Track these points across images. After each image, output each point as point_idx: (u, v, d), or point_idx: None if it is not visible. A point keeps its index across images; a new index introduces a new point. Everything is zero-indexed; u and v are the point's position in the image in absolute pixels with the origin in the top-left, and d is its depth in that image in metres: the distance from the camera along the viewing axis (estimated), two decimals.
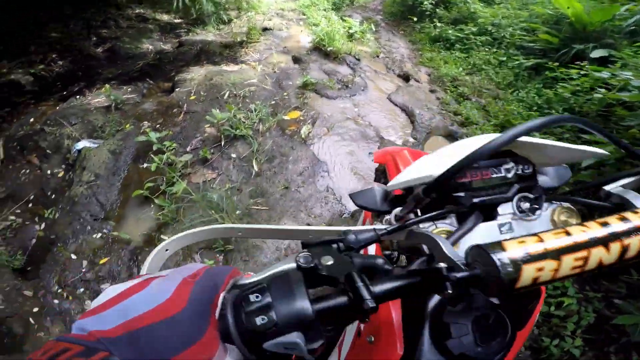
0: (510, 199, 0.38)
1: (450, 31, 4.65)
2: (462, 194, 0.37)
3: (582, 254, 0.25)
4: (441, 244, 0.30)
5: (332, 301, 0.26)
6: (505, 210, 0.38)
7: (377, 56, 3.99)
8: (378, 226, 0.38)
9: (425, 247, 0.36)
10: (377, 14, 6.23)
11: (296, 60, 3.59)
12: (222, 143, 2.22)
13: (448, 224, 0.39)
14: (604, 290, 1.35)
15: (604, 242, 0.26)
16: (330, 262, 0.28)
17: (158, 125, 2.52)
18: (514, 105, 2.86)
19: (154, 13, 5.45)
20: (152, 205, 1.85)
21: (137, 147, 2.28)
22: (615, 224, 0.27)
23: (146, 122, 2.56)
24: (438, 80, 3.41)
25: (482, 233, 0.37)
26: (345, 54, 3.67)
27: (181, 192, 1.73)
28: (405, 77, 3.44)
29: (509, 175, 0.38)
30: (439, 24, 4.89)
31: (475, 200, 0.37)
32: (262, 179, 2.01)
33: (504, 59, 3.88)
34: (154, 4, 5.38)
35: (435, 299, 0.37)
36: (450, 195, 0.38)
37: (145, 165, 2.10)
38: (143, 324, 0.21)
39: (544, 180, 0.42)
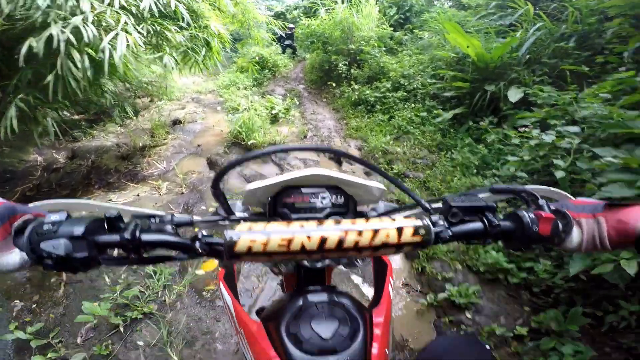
0: (324, 219, 0.43)
1: (367, 92, 4.70)
2: (285, 210, 0.47)
3: (287, 238, 0.33)
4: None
5: (109, 236, 0.35)
6: None
7: (305, 136, 3.74)
8: (196, 217, 0.46)
9: None
10: (299, 83, 6.25)
11: (212, 164, 3.13)
12: (121, 328, 1.58)
13: None
14: None
15: (308, 236, 0.33)
16: (137, 222, 0.37)
17: (34, 306, 1.80)
18: (454, 174, 2.71)
19: (47, 108, 4.61)
20: None
21: (9, 345, 1.58)
22: (329, 224, 0.35)
23: (18, 302, 1.83)
24: (370, 155, 3.21)
25: None
26: (270, 146, 3.33)
27: None
28: (338, 160, 3.19)
29: (324, 202, 0.48)
30: (355, 86, 4.97)
31: (294, 216, 0.47)
32: None
33: (425, 114, 3.91)
34: (46, 95, 4.56)
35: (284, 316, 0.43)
36: (277, 209, 0.48)
37: None
38: None
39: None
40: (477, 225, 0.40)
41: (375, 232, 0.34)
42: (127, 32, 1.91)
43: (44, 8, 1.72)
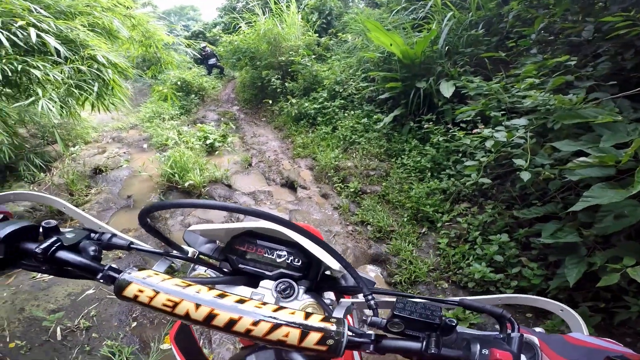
0: (273, 278, 0.45)
1: (307, 104, 4.58)
2: (233, 257, 0.46)
3: (174, 300, 0.32)
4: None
5: (28, 245, 0.38)
6: (266, 285, 0.45)
7: (250, 164, 3.46)
8: (139, 243, 0.48)
9: None
10: (233, 104, 5.85)
11: None
12: None
13: (216, 273, 0.48)
14: None
15: (197, 304, 0.32)
16: (71, 235, 0.42)
17: None
18: (409, 181, 2.69)
19: None
20: None
21: None
22: (228, 300, 0.33)
23: None
24: (322, 174, 3.07)
25: (238, 293, 0.41)
26: (211, 184, 2.99)
27: None
28: (291, 185, 2.99)
29: (279, 260, 0.45)
30: (293, 100, 4.81)
31: (241, 266, 0.46)
32: None
33: (366, 120, 3.90)
34: None
35: None
36: (223, 254, 0.48)
37: None
38: None
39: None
40: (414, 345, 0.34)
41: (275, 326, 0.31)
42: None
43: None
